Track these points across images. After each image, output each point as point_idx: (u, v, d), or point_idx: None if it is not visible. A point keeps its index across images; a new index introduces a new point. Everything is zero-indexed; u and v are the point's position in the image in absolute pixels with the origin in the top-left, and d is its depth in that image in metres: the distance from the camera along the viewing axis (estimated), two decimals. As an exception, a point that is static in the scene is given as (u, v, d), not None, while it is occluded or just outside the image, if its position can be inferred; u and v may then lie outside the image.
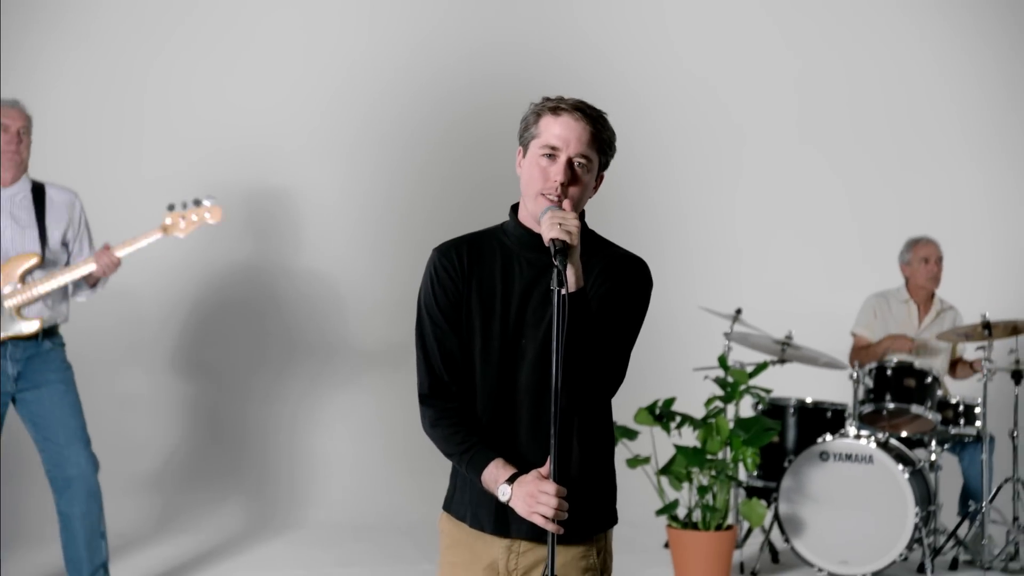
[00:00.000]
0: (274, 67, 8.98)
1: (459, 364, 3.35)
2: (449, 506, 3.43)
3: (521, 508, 3.16)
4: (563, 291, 3.10)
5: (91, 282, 6.21)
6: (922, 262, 7.93)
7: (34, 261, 6.09)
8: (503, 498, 3.21)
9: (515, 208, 3.41)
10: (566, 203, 3.22)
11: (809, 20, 9.87)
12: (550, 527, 3.10)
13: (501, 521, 3.30)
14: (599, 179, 3.35)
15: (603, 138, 3.30)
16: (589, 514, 3.33)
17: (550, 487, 3.10)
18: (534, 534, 3.25)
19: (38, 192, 6.23)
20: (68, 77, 8.47)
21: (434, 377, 3.35)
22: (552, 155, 3.24)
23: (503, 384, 3.31)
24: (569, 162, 3.23)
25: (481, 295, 3.36)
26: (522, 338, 3.31)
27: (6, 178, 6.14)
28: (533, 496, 3.13)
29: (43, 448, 6.21)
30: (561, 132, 3.24)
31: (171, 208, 6.26)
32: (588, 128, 3.25)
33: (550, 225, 3.14)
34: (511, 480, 3.19)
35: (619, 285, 3.33)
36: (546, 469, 3.15)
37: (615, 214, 8.98)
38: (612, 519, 3.41)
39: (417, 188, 9.02)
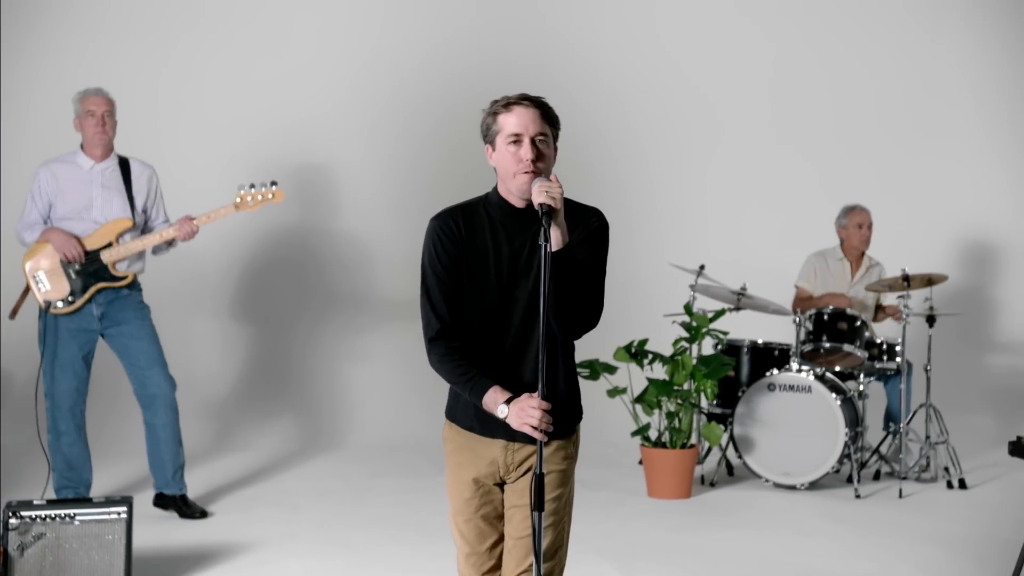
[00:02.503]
0: (315, 61, 8.87)
1: (459, 311, 3.40)
2: (452, 416, 3.51)
3: (514, 422, 3.25)
4: (549, 246, 3.19)
5: (169, 243, 6.35)
6: (857, 227, 7.96)
7: (128, 225, 6.23)
8: (501, 415, 3.29)
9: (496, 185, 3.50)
10: (553, 176, 3.29)
11: (782, 5, 9.72)
12: (536, 435, 3.20)
13: (499, 426, 3.36)
14: (555, 149, 3.41)
15: (550, 116, 3.37)
16: (567, 416, 3.43)
17: (536, 403, 3.20)
18: (526, 436, 3.32)
19: (124, 165, 6.33)
20: (144, 69, 8.40)
21: (440, 322, 3.39)
22: (517, 140, 3.31)
23: (499, 325, 3.38)
24: (532, 141, 3.31)
25: (475, 255, 3.40)
26: (515, 288, 3.37)
27: (96, 154, 6.26)
28: (524, 411, 3.22)
29: (130, 372, 6.36)
30: (518, 121, 3.32)
31: (241, 188, 6.33)
32: (537, 111, 3.34)
33: (539, 192, 3.22)
34: (508, 402, 3.28)
35: (590, 237, 3.41)
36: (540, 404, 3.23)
37: (596, 184, 8.81)
38: (580, 415, 3.52)
39: (433, 163, 8.90)
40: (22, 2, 8.39)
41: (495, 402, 3.30)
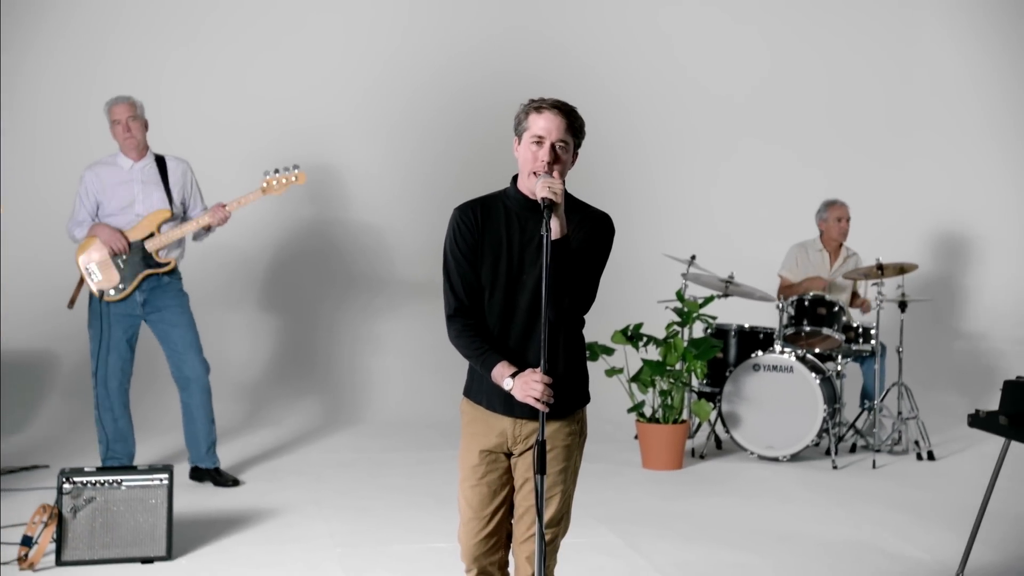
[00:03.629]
0: (338, 68, 8.84)
1: (475, 292, 3.46)
2: (468, 393, 3.56)
3: (518, 393, 3.31)
4: (549, 236, 3.24)
5: (205, 229, 6.39)
6: (836, 220, 7.97)
7: (167, 216, 6.29)
8: (506, 388, 3.35)
9: (515, 179, 3.51)
10: (555, 171, 3.35)
11: (773, 11, 9.64)
12: (539, 406, 3.25)
13: (509, 404, 3.43)
14: (575, 155, 3.46)
15: (575, 126, 3.41)
16: (570, 395, 3.48)
17: (539, 377, 3.26)
18: (533, 413, 3.35)
19: (160, 163, 6.39)
20: (180, 77, 8.42)
21: (458, 302, 3.46)
22: (540, 142, 3.37)
23: (509, 306, 3.45)
24: (552, 146, 3.37)
25: (491, 243, 3.45)
26: (523, 274, 3.43)
27: (133, 156, 6.34)
28: (527, 384, 3.29)
29: (168, 355, 6.44)
30: (544, 125, 3.37)
31: (266, 174, 6.34)
32: (563, 120, 3.38)
33: (542, 187, 3.28)
34: (513, 376, 3.35)
35: (591, 233, 3.45)
36: (543, 379, 3.28)
37: (602, 181, 8.73)
38: (586, 399, 3.57)
39: (444, 159, 8.89)
40: (61, 8, 8.42)
41: (502, 375, 3.37)
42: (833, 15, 9.68)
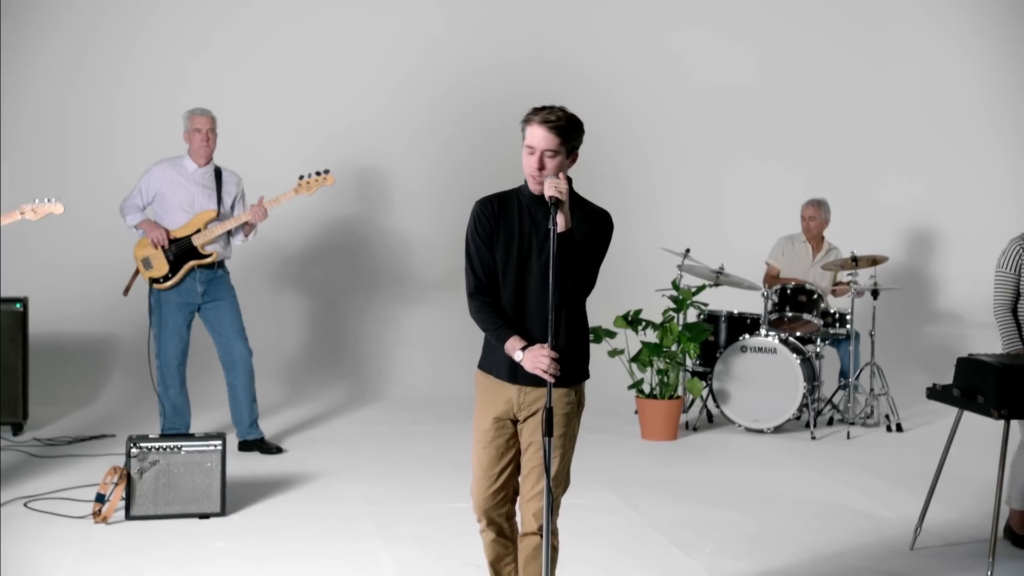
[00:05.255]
0: (366, 79, 8.83)
1: (492, 273, 3.54)
2: (482, 365, 3.64)
3: (528, 365, 3.41)
4: (555, 229, 3.32)
5: (247, 231, 6.49)
6: (806, 219, 8.01)
7: (213, 215, 6.41)
8: (518, 359, 3.44)
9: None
10: (560, 174, 3.40)
11: (761, 22, 9.52)
12: (546, 376, 3.35)
13: (514, 374, 3.52)
14: (573, 156, 3.48)
15: (563, 135, 3.42)
16: (570, 370, 3.53)
17: (546, 352, 3.36)
18: (536, 381, 3.46)
19: (217, 173, 6.52)
20: (228, 87, 8.40)
21: (478, 281, 3.55)
22: (531, 151, 3.44)
23: (519, 288, 3.53)
24: (540, 155, 3.43)
25: (505, 232, 3.53)
26: (531, 259, 3.51)
27: (200, 162, 6.45)
28: (536, 357, 3.39)
29: (217, 341, 6.55)
30: (532, 136, 3.43)
31: (301, 177, 6.42)
32: (548, 133, 3.40)
33: (549, 187, 3.36)
34: (523, 349, 3.44)
35: (592, 227, 3.52)
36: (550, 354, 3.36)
37: (604, 181, 8.44)
38: (585, 375, 3.62)
39: (463, 165, 8.84)
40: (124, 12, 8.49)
41: (513, 348, 3.46)
42: (820, 23, 9.58)
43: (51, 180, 8.02)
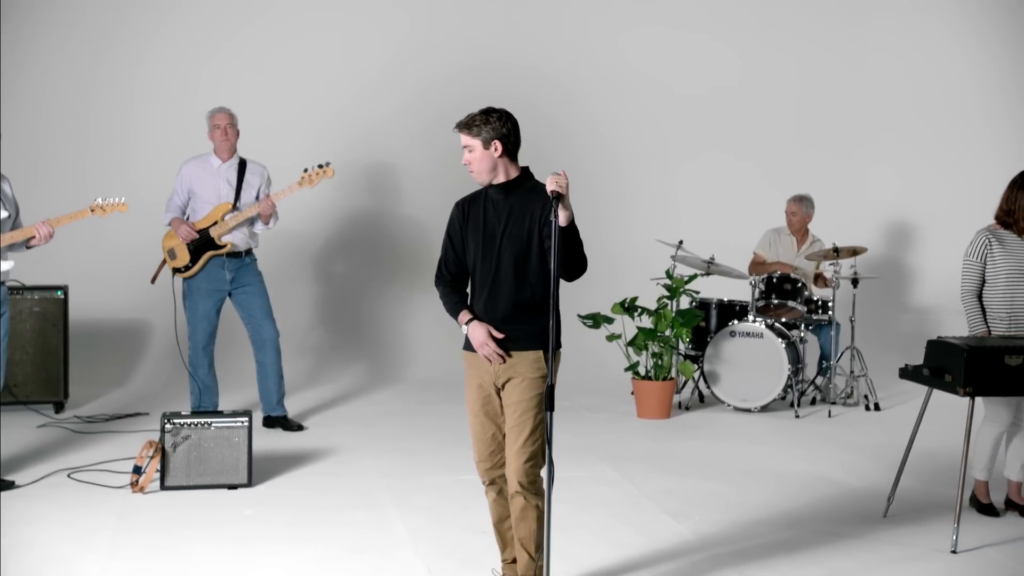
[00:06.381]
0: (381, 79, 8.81)
1: (456, 267, 3.72)
2: (465, 345, 3.72)
3: (474, 338, 3.60)
4: (558, 222, 3.34)
5: (265, 220, 6.46)
6: (789, 214, 8.04)
7: (229, 208, 6.40)
8: (464, 331, 3.63)
9: None
10: (562, 171, 3.41)
11: (745, 26, 9.49)
12: (491, 359, 3.58)
13: None
14: (492, 146, 3.58)
15: (473, 130, 3.60)
16: (534, 332, 3.59)
17: (488, 338, 3.57)
18: (504, 350, 3.60)
19: (242, 165, 6.54)
20: (250, 94, 8.30)
21: (441, 272, 3.76)
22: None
23: (489, 273, 3.65)
24: (465, 152, 3.63)
25: (473, 226, 3.68)
26: (495, 245, 3.63)
27: (223, 156, 6.49)
28: (482, 343, 3.59)
29: (247, 322, 6.59)
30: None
31: (304, 170, 6.38)
32: (462, 132, 3.62)
33: (551, 182, 3.36)
34: (468, 323, 3.63)
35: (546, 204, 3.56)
36: (491, 331, 3.54)
37: (603, 178, 8.80)
38: (545, 345, 3.55)
39: None
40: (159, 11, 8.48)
41: (462, 321, 3.67)
42: (802, 21, 9.53)
43: (78, 179, 8.06)
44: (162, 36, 8.57)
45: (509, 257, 3.63)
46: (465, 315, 3.67)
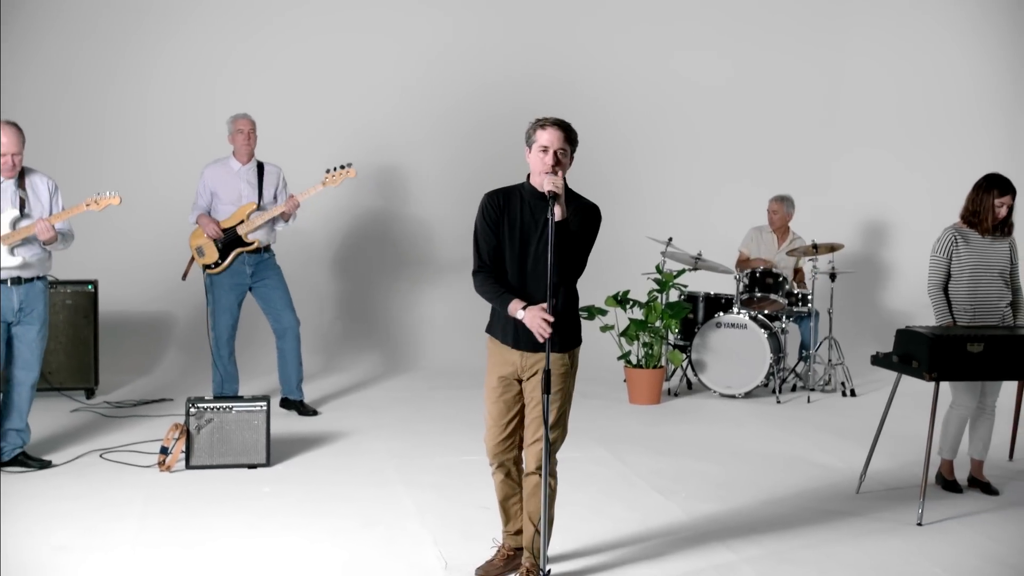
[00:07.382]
0: (391, 84, 8.76)
1: (494, 255, 3.63)
2: (489, 330, 3.74)
3: (528, 320, 3.52)
4: (553, 219, 3.41)
5: (285, 218, 6.49)
6: (771, 212, 8.02)
7: (253, 207, 6.44)
8: (519, 317, 3.53)
9: (528, 176, 3.68)
10: (559, 172, 3.51)
11: (736, 31, 9.36)
12: (539, 337, 3.49)
13: (516, 340, 3.64)
14: (571, 159, 3.62)
15: (571, 137, 3.60)
16: (564, 337, 3.64)
17: (545, 313, 3.49)
18: (535, 347, 3.58)
19: (260, 167, 6.57)
20: (268, 98, 8.27)
21: (482, 261, 3.65)
22: (545, 150, 3.56)
23: (520, 267, 3.64)
24: (555, 153, 3.56)
25: (509, 221, 3.62)
26: (530, 245, 3.62)
27: (243, 160, 6.52)
28: (535, 316, 3.50)
29: (268, 313, 6.61)
30: (548, 138, 3.56)
31: (328, 171, 6.38)
32: (562, 134, 3.57)
33: (548, 183, 3.47)
34: (524, 308, 3.55)
35: (584, 219, 3.61)
36: (545, 316, 3.46)
37: (595, 177, 8.25)
38: (577, 342, 3.72)
39: (482, 163, 8.68)
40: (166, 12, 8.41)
41: (515, 309, 3.56)
42: (786, 24, 9.44)
43: (96, 179, 7.70)
44: (179, 38, 8.52)
45: (537, 261, 3.61)
46: (518, 303, 3.58)
